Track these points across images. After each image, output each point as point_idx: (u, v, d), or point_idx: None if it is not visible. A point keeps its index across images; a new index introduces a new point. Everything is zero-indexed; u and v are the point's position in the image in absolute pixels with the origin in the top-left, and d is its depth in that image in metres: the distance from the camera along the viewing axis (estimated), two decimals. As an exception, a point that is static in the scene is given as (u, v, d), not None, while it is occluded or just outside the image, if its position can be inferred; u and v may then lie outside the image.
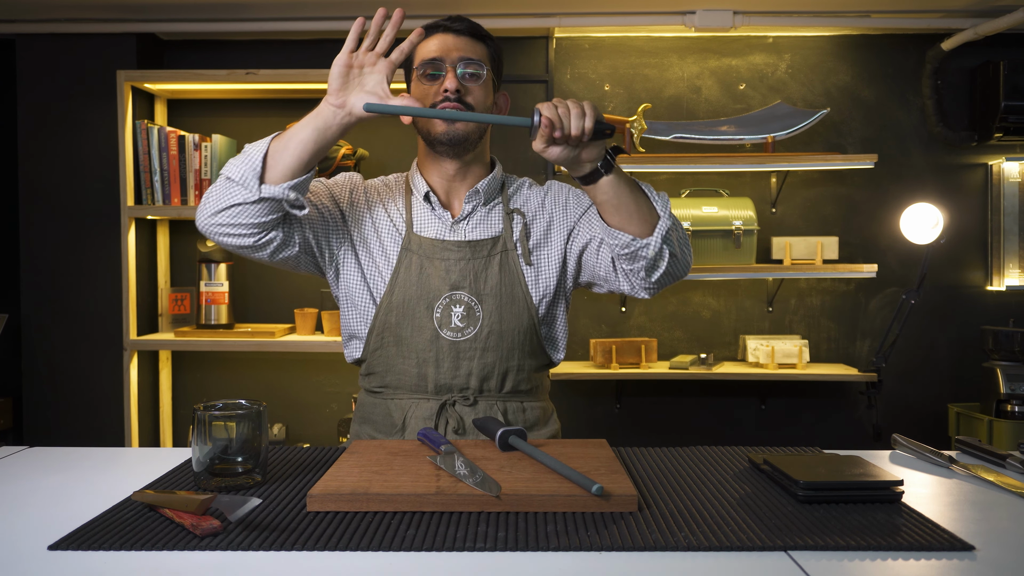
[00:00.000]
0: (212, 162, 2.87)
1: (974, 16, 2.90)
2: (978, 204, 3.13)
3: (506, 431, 1.24)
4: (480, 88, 1.45)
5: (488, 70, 1.46)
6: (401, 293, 1.44)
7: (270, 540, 0.91)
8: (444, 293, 1.44)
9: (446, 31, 1.46)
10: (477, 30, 1.48)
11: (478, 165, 1.51)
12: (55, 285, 3.06)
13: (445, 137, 1.43)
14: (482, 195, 1.50)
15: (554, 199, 1.54)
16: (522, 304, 1.46)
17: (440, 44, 1.45)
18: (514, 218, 1.51)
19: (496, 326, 1.44)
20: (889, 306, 3.13)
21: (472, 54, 1.45)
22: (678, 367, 2.92)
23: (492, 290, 1.45)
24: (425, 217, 1.49)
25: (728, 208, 2.92)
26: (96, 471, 1.23)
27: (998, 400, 2.79)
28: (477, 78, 1.44)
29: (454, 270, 1.44)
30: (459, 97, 1.41)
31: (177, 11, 2.91)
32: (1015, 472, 1.24)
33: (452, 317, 1.44)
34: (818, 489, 1.05)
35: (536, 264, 1.49)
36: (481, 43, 1.48)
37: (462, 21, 1.47)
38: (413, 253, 1.45)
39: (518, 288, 1.47)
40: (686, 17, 2.94)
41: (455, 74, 1.42)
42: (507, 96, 1.56)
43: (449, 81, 1.41)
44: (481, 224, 1.50)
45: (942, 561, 0.87)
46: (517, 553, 0.89)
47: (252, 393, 3.12)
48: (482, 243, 1.47)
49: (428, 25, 1.47)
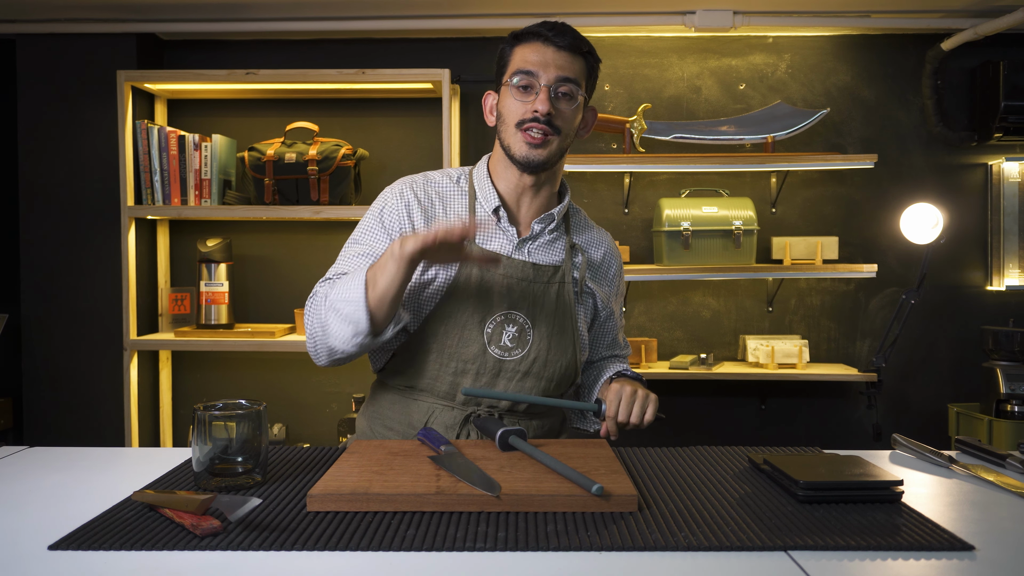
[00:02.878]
0: (212, 162, 2.87)
1: (974, 16, 2.90)
2: (978, 204, 3.13)
3: (506, 431, 1.24)
4: (571, 110, 1.41)
5: (584, 88, 1.42)
6: (456, 304, 1.41)
7: (270, 540, 0.91)
8: (500, 311, 1.42)
9: (547, 42, 1.39)
10: (579, 45, 1.40)
11: (550, 184, 1.49)
12: (55, 285, 3.06)
13: (525, 159, 1.41)
14: (556, 220, 1.49)
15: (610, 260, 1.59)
16: (571, 337, 1.47)
17: (539, 56, 1.38)
18: (576, 253, 1.51)
19: (543, 353, 1.44)
20: (889, 306, 3.13)
21: (570, 72, 1.39)
22: (678, 367, 2.92)
23: (547, 318, 1.44)
24: (490, 229, 1.46)
25: (728, 208, 2.92)
26: (96, 471, 1.23)
27: (998, 400, 2.79)
28: (571, 99, 1.40)
29: (515, 289, 1.42)
30: (549, 120, 1.38)
31: (177, 11, 2.91)
32: (1015, 472, 1.24)
33: (503, 336, 1.42)
34: (818, 489, 1.05)
35: (585, 305, 1.52)
36: (580, 59, 1.41)
37: (565, 34, 1.39)
38: (473, 265, 1.42)
39: (568, 321, 1.47)
40: (686, 17, 2.94)
41: (548, 95, 1.38)
42: (595, 111, 1.52)
43: (541, 103, 1.37)
44: (545, 249, 1.48)
45: (942, 561, 0.87)
46: (517, 553, 0.89)
47: (252, 393, 3.12)
48: (544, 268, 1.46)
49: (528, 30, 1.41)
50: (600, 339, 1.61)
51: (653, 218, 3.05)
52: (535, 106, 1.38)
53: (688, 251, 2.91)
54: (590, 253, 1.55)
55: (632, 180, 3.10)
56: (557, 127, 1.39)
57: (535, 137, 1.39)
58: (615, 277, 1.60)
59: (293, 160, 2.82)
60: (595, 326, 1.59)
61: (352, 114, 3.11)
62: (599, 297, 1.54)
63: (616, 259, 1.61)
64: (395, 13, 2.95)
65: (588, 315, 1.53)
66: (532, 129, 1.39)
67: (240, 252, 3.13)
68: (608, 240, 1.61)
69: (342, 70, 2.84)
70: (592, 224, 1.61)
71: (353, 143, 3.02)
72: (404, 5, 2.87)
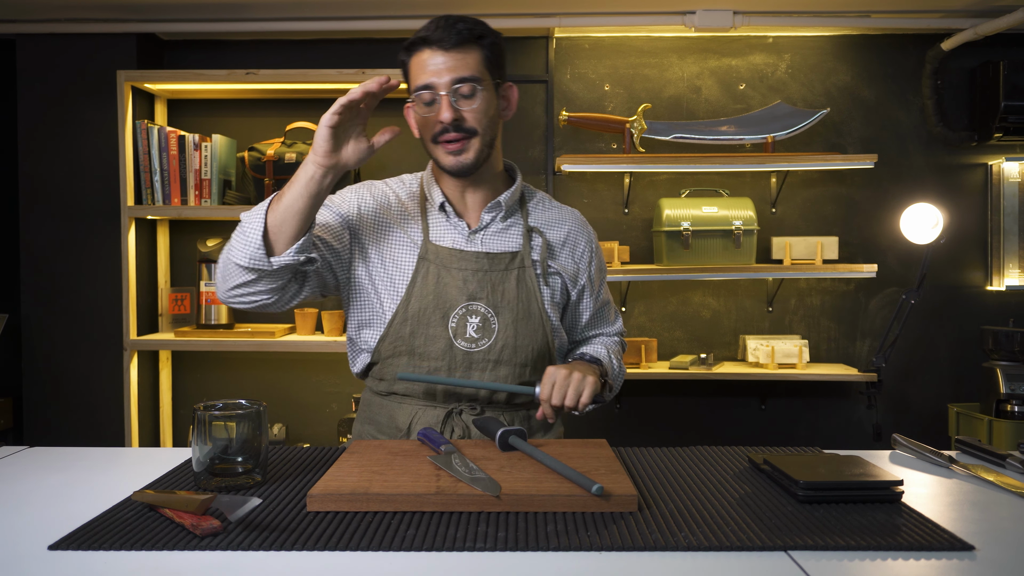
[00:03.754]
0: (212, 162, 2.87)
1: (974, 16, 2.90)
2: (978, 204, 3.13)
3: (506, 431, 1.24)
4: (478, 107, 1.38)
5: (486, 78, 1.40)
6: (417, 303, 1.42)
7: (270, 540, 0.91)
8: (461, 303, 1.42)
9: (434, 47, 1.36)
10: (467, 36, 1.37)
11: (491, 173, 1.49)
12: (55, 285, 3.06)
13: (452, 169, 1.41)
14: (504, 208, 1.49)
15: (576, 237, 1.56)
16: (538, 321, 1.46)
17: (431, 64, 1.36)
18: (533, 236, 1.50)
19: (511, 340, 1.43)
20: (889, 306, 3.13)
21: (465, 70, 1.36)
22: (678, 367, 2.92)
23: (509, 304, 1.44)
24: (441, 226, 1.47)
25: (728, 208, 2.92)
26: (96, 471, 1.23)
27: (998, 400, 2.79)
28: (473, 96, 1.38)
29: (471, 280, 1.43)
30: (457, 125, 1.37)
31: (177, 11, 2.91)
32: (1015, 472, 1.24)
33: (468, 327, 1.42)
34: (818, 489, 1.05)
35: (552, 287, 1.50)
36: (474, 49, 1.38)
37: (449, 31, 1.36)
38: (430, 263, 1.43)
39: (535, 305, 1.46)
40: (686, 17, 2.94)
41: (449, 101, 1.36)
42: (513, 87, 1.49)
43: (444, 112, 1.36)
44: (499, 236, 1.48)
45: (942, 561, 0.87)
46: (517, 553, 0.89)
47: (252, 393, 3.12)
48: (500, 256, 1.46)
49: (416, 36, 1.39)
50: (577, 319, 1.59)
51: (653, 218, 3.04)
52: (439, 117, 1.37)
53: (688, 251, 2.91)
54: (551, 234, 1.53)
55: (632, 180, 3.10)
56: (469, 128, 1.38)
57: (451, 145, 1.39)
58: (584, 254, 1.56)
59: (293, 160, 2.82)
60: (570, 306, 1.57)
61: (352, 114, 3.11)
62: (566, 276, 1.52)
63: (585, 235, 1.57)
64: (395, 13, 2.95)
65: (559, 296, 1.52)
66: (445, 139, 1.38)
67: (240, 252, 3.12)
68: (573, 218, 1.58)
69: (342, 70, 2.84)
70: (556, 204, 1.58)
71: (353, 143, 3.01)
72: (404, 5, 2.87)
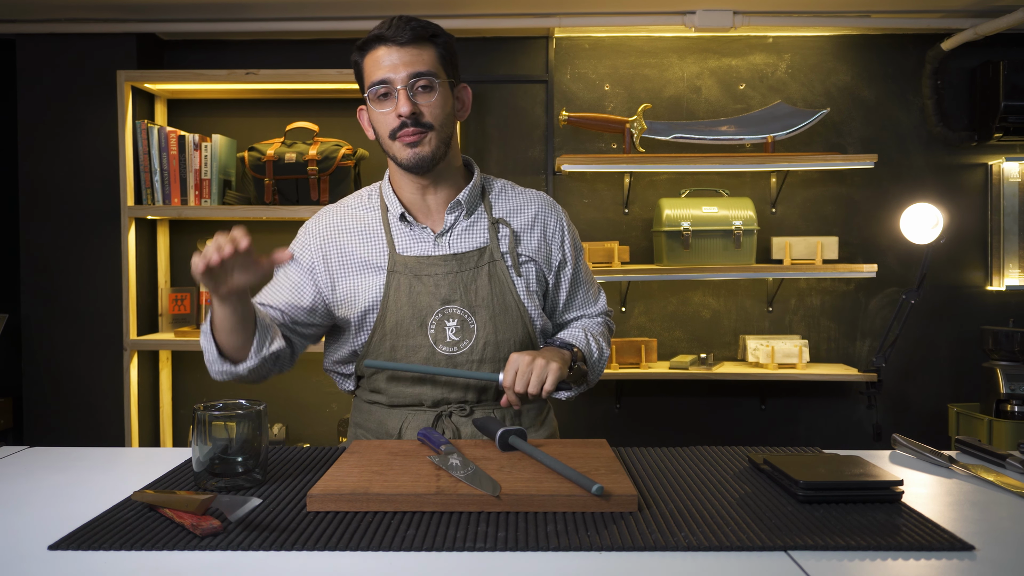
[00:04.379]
0: (212, 162, 2.87)
1: (974, 16, 2.90)
2: (978, 204, 3.13)
3: (506, 431, 1.24)
4: (435, 101, 1.39)
5: (442, 75, 1.41)
6: (393, 316, 1.42)
7: (270, 540, 0.91)
8: (436, 308, 1.42)
9: (389, 44, 1.37)
10: (421, 33, 1.38)
11: (450, 172, 1.48)
12: (55, 285, 3.06)
13: (411, 162, 1.41)
14: (464, 206, 1.47)
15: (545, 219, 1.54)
16: (515, 313, 1.45)
17: (386, 60, 1.37)
18: (499, 228, 1.49)
19: (492, 337, 1.43)
20: (889, 306, 3.13)
21: (421, 65, 1.37)
22: (678, 367, 2.92)
23: (484, 301, 1.43)
24: (405, 236, 1.46)
25: (728, 208, 2.92)
26: (96, 471, 1.23)
27: (998, 400, 2.79)
28: (430, 90, 1.38)
29: (443, 284, 1.42)
30: (416, 119, 1.37)
31: (177, 11, 2.91)
32: (1015, 472, 1.24)
33: (447, 331, 1.42)
34: (818, 489, 1.05)
35: (525, 276, 1.49)
36: (429, 47, 1.39)
37: (403, 28, 1.37)
38: (400, 274, 1.43)
39: (509, 298, 1.45)
40: (686, 17, 2.94)
41: (407, 95, 1.37)
42: (467, 89, 1.50)
43: (402, 106, 1.36)
44: (465, 235, 1.47)
45: (942, 561, 0.87)
46: (517, 553, 0.89)
47: (252, 393, 3.12)
48: (468, 255, 1.45)
49: (371, 36, 1.40)
50: (556, 301, 1.57)
51: (653, 218, 3.05)
52: (397, 111, 1.37)
53: (688, 251, 2.91)
54: (517, 220, 1.51)
55: (632, 180, 3.10)
56: (427, 123, 1.39)
57: (409, 138, 1.39)
58: (555, 233, 1.54)
59: (293, 160, 2.82)
60: (549, 291, 1.55)
61: (352, 114, 3.11)
62: (540, 261, 1.51)
63: (553, 215, 1.55)
64: (395, 13, 2.94)
65: (536, 284, 1.50)
66: (404, 133, 1.38)
67: (240, 252, 3.12)
68: (540, 200, 1.55)
69: (342, 70, 2.84)
70: (519, 190, 1.57)
71: (353, 143, 3.01)
72: (404, 5, 2.87)
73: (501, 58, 3.12)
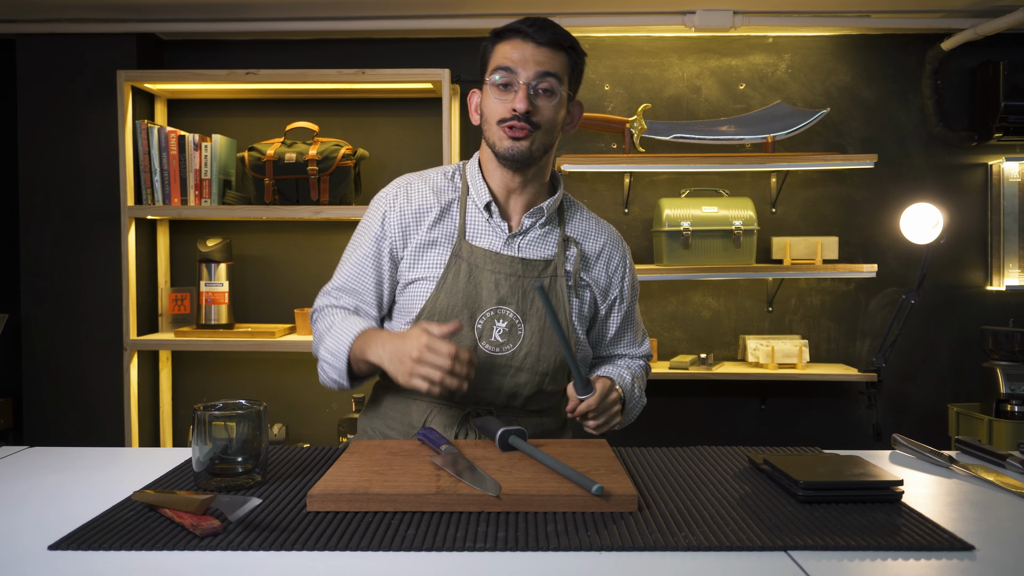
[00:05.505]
0: (212, 162, 2.87)
1: (974, 16, 2.90)
2: (978, 204, 3.13)
3: (506, 431, 1.24)
4: (552, 106, 1.40)
5: (564, 83, 1.42)
6: (446, 299, 1.41)
7: (270, 540, 0.91)
8: (490, 305, 1.41)
9: (527, 39, 1.39)
10: (559, 40, 1.40)
11: (540, 178, 1.49)
12: (55, 285, 3.06)
13: (508, 153, 1.41)
14: (545, 214, 1.48)
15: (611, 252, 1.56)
16: None
17: (518, 53, 1.38)
18: (569, 246, 1.50)
19: (535, 348, 1.43)
20: (889, 306, 3.13)
21: (549, 67, 1.38)
22: (678, 367, 2.92)
23: (538, 311, 1.43)
24: (480, 225, 1.46)
25: (728, 208, 2.92)
26: (96, 471, 1.23)
27: (998, 400, 2.79)
28: (551, 95, 1.39)
29: (504, 284, 1.42)
30: (527, 117, 1.38)
31: (177, 11, 2.91)
32: (1015, 472, 1.24)
33: (494, 331, 1.42)
34: (818, 489, 1.05)
35: (582, 299, 1.50)
36: (562, 54, 1.41)
37: (545, 30, 1.39)
38: (463, 260, 1.43)
39: (562, 315, 1.45)
40: (686, 17, 2.94)
41: (527, 92, 1.37)
42: (581, 106, 1.51)
43: (520, 100, 1.37)
44: (536, 243, 1.48)
45: (942, 561, 0.87)
46: (517, 553, 0.89)
47: (252, 393, 3.12)
48: (535, 263, 1.45)
49: (510, 27, 1.41)
50: (604, 333, 1.57)
51: (653, 218, 3.05)
52: (514, 104, 1.37)
53: (688, 251, 2.91)
54: (585, 245, 1.52)
55: (632, 180, 3.10)
56: (536, 123, 1.39)
57: (514, 131, 1.39)
58: (618, 269, 1.56)
59: (293, 160, 2.82)
60: (597, 321, 1.56)
61: (352, 114, 3.11)
62: (597, 290, 1.52)
63: (619, 251, 1.57)
64: (395, 13, 2.95)
65: (587, 309, 1.51)
66: (512, 126, 1.38)
67: (240, 252, 3.13)
68: (609, 232, 1.58)
69: (342, 70, 2.84)
70: (593, 217, 1.59)
71: (353, 143, 3.02)
72: (404, 5, 2.87)
73: (501, 58, 3.12)
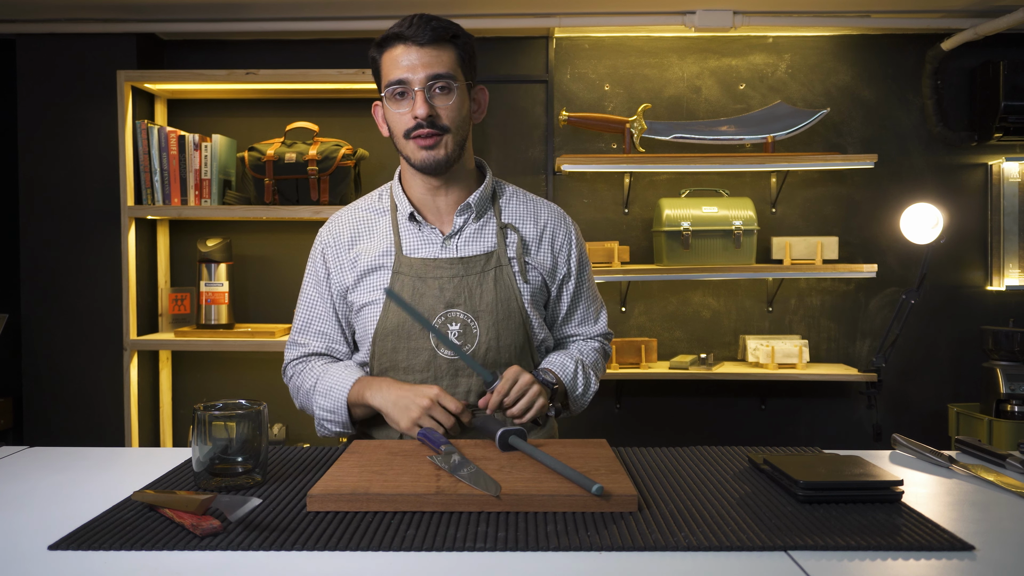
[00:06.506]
0: (212, 162, 2.87)
1: (974, 16, 2.90)
2: (978, 204, 3.13)
3: (506, 431, 1.24)
4: (452, 103, 1.39)
5: (460, 77, 1.40)
6: (395, 317, 1.42)
7: (270, 540, 0.91)
8: (439, 312, 1.42)
9: (408, 43, 1.37)
10: (441, 34, 1.38)
11: (463, 174, 1.48)
12: (55, 285, 3.06)
13: (424, 164, 1.41)
14: (474, 209, 1.47)
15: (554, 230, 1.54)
16: (518, 319, 1.45)
17: (405, 60, 1.37)
18: (507, 233, 1.49)
19: (494, 343, 1.43)
20: (889, 306, 3.13)
21: (439, 67, 1.37)
22: (678, 367, 2.92)
23: (488, 306, 1.43)
24: (413, 237, 1.46)
25: (728, 208, 2.92)
26: (96, 471, 1.23)
27: (998, 400, 2.79)
28: (448, 92, 1.38)
29: (448, 288, 1.42)
30: (432, 121, 1.37)
31: (177, 11, 2.91)
32: (1015, 472, 1.24)
33: (449, 335, 1.41)
34: (818, 489, 1.05)
35: (532, 282, 1.49)
36: (448, 47, 1.39)
37: (423, 28, 1.36)
38: (404, 275, 1.43)
39: (514, 303, 1.45)
40: (686, 17, 2.94)
41: (424, 97, 1.36)
42: (484, 91, 1.50)
43: (419, 107, 1.36)
44: (474, 239, 1.47)
45: (942, 561, 0.87)
46: (517, 553, 0.89)
47: (252, 393, 3.12)
48: (475, 259, 1.45)
49: (390, 33, 1.39)
50: (556, 314, 1.57)
51: (653, 218, 3.04)
52: (414, 112, 1.37)
53: (688, 251, 2.91)
54: (526, 229, 1.51)
55: (632, 180, 3.10)
56: (443, 126, 1.39)
57: (424, 140, 1.39)
58: (563, 247, 1.54)
59: (293, 160, 2.82)
60: (550, 302, 1.55)
61: (352, 114, 3.11)
62: (544, 272, 1.51)
63: (563, 228, 1.55)
64: (395, 13, 2.94)
65: (540, 293, 1.50)
66: (419, 135, 1.38)
67: (240, 252, 3.12)
68: (550, 210, 1.56)
69: (342, 70, 2.84)
70: (531, 198, 1.57)
71: (353, 143, 3.01)
72: (404, 5, 2.87)
73: (501, 58, 3.12)
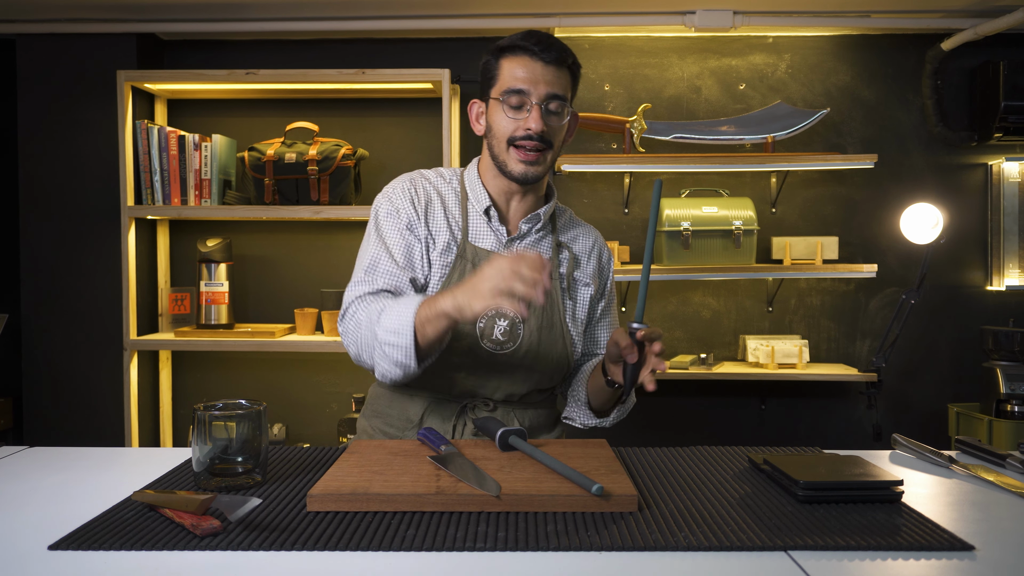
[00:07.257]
0: (212, 162, 2.87)
1: (974, 16, 2.90)
2: (978, 204, 3.13)
3: (506, 431, 1.24)
4: (561, 125, 1.44)
5: (569, 102, 1.45)
6: None
7: (270, 540, 0.91)
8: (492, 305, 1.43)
9: (534, 57, 1.40)
10: (564, 58, 1.42)
11: (539, 188, 1.52)
12: (55, 285, 3.06)
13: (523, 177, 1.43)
14: (542, 220, 1.52)
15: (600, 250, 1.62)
16: (559, 332, 1.50)
17: (528, 73, 1.40)
18: (561, 251, 1.55)
19: (535, 347, 1.47)
20: (889, 306, 3.13)
21: (559, 88, 1.41)
22: (678, 367, 2.92)
23: (535, 312, 1.47)
24: (481, 228, 1.50)
25: (728, 208, 2.92)
26: (96, 471, 1.23)
27: (998, 400, 2.79)
28: (560, 112, 1.43)
29: None
30: (541, 136, 1.40)
31: (177, 11, 2.91)
32: (1015, 472, 1.24)
33: (495, 330, 1.44)
34: (818, 489, 1.05)
35: (579, 301, 1.55)
36: (567, 72, 1.43)
37: (551, 48, 1.40)
38: (467, 261, 1.46)
39: (556, 316, 1.50)
40: (686, 17, 2.94)
41: (540, 112, 1.40)
42: (577, 116, 1.54)
43: (534, 121, 1.39)
44: (533, 247, 1.52)
45: (942, 561, 0.87)
46: (517, 553, 0.89)
47: (252, 393, 3.12)
48: None
49: (514, 43, 1.42)
50: (594, 337, 1.63)
51: (653, 218, 3.04)
52: (528, 124, 1.40)
53: (688, 251, 2.91)
54: (575, 247, 1.58)
55: (632, 180, 3.10)
56: (549, 142, 1.43)
57: (529, 155, 1.42)
58: (607, 267, 1.63)
59: (293, 160, 2.82)
60: (590, 324, 1.61)
61: (352, 114, 3.11)
62: (594, 288, 1.58)
63: (607, 251, 1.65)
64: (395, 13, 2.95)
65: (582, 310, 1.56)
66: (526, 147, 1.41)
67: (240, 252, 3.13)
68: (594, 236, 1.64)
69: (342, 70, 2.84)
70: (579, 222, 1.65)
71: (353, 143, 3.02)
72: (404, 5, 2.87)
73: (501, 58, 3.12)
